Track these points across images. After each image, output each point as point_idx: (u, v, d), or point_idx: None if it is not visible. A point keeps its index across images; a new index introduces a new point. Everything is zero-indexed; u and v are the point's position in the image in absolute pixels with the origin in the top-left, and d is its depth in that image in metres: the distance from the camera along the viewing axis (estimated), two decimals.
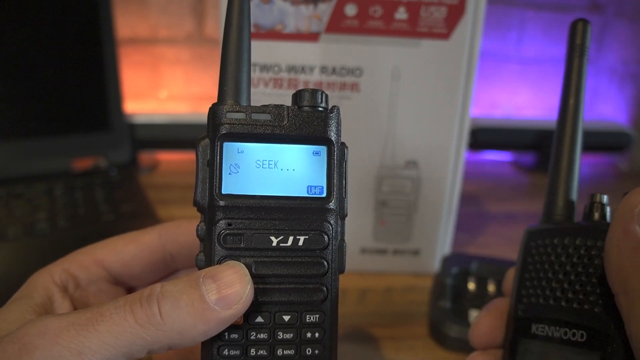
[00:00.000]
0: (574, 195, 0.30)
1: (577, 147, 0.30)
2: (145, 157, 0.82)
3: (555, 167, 0.30)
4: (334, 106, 0.26)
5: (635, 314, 0.22)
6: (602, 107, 0.96)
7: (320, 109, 0.26)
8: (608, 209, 0.28)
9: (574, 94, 0.30)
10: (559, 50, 0.92)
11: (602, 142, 0.89)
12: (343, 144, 0.26)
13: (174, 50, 0.86)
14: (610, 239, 0.23)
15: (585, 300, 0.26)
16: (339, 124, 0.26)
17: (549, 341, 0.27)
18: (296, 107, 0.26)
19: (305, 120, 0.25)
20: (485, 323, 0.31)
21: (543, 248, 0.28)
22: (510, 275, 0.31)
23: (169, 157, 0.84)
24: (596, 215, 0.28)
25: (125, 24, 0.82)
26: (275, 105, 0.25)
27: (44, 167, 0.69)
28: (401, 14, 0.46)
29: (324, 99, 0.26)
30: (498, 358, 0.30)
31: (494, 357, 0.30)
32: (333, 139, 0.26)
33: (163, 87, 0.88)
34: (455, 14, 0.46)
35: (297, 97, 0.26)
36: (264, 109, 0.25)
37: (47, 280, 0.28)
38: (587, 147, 0.89)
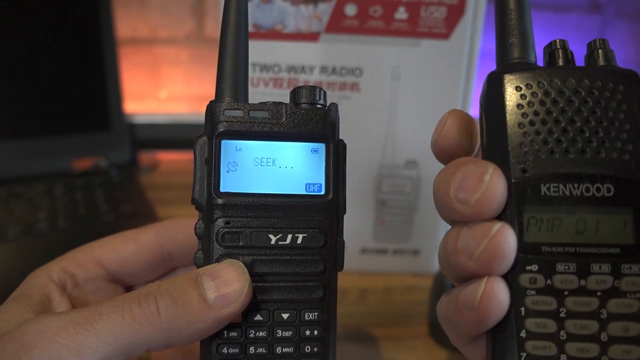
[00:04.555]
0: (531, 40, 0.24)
1: None
2: (145, 157, 0.82)
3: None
4: (332, 103, 0.26)
5: None
6: None
7: (318, 106, 0.26)
8: (572, 54, 0.23)
9: None
10: None
11: None
12: (341, 141, 0.26)
13: (174, 50, 0.86)
14: None
15: (605, 148, 0.21)
16: (337, 121, 0.26)
17: (563, 203, 0.21)
18: (294, 104, 0.26)
19: (303, 117, 0.25)
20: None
21: (535, 94, 0.22)
22: (456, 117, 0.25)
23: (169, 157, 0.84)
24: (560, 62, 0.23)
25: (125, 24, 0.82)
26: (273, 102, 0.25)
27: (44, 167, 0.69)
28: (401, 13, 0.46)
29: (322, 96, 0.26)
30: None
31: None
32: (331, 136, 0.26)
33: (163, 87, 0.88)
34: (455, 14, 0.46)
35: (295, 94, 0.26)
36: (262, 106, 0.25)
37: (45, 278, 0.28)
38: None
